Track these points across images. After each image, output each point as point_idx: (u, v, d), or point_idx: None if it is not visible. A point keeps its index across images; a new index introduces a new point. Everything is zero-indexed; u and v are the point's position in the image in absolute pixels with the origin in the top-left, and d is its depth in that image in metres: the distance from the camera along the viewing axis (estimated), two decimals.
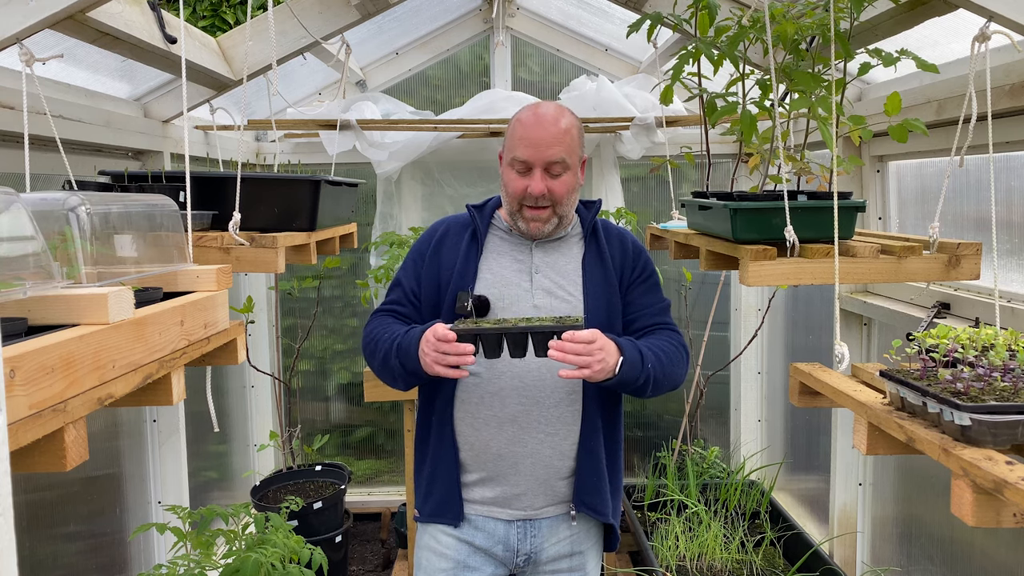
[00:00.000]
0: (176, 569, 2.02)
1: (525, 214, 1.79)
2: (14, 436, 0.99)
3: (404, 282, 1.91)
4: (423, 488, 1.90)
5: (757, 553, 2.81)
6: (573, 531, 1.87)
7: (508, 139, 1.80)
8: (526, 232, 1.82)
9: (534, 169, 1.74)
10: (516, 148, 1.75)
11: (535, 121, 1.76)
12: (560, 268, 1.85)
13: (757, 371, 3.96)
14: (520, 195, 1.77)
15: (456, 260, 1.84)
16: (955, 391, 1.27)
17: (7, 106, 1.94)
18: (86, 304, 1.25)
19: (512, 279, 1.83)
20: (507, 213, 1.84)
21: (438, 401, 1.84)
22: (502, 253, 1.87)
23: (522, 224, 1.81)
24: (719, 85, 2.30)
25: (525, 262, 1.85)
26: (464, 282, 1.80)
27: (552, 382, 1.77)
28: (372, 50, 3.89)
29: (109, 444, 2.64)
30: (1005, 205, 2.13)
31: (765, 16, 1.78)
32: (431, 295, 1.85)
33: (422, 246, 1.92)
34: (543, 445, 1.79)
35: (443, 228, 1.93)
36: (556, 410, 1.78)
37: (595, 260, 1.87)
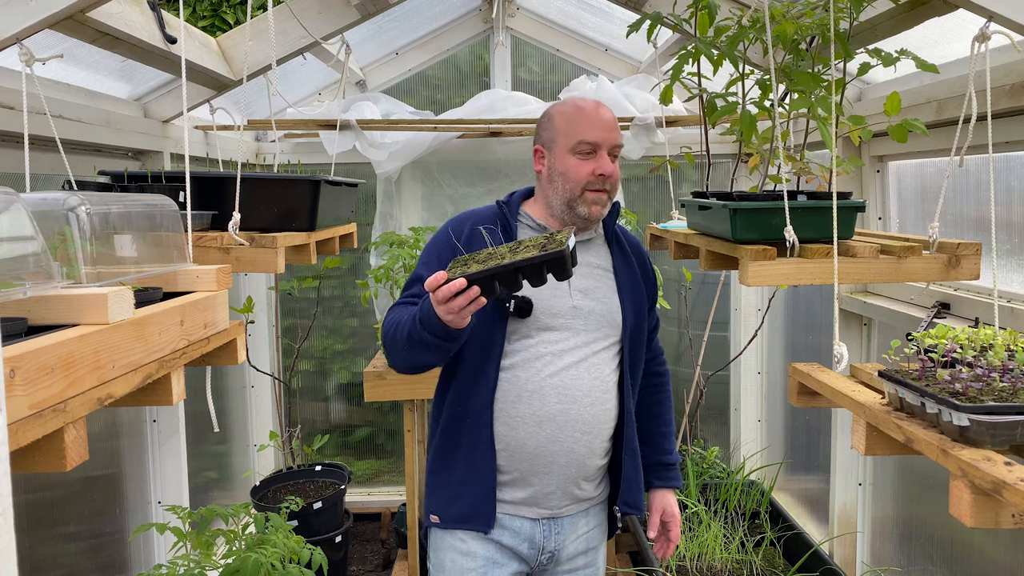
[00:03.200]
0: (176, 569, 2.02)
1: (588, 197, 1.77)
2: (14, 436, 0.99)
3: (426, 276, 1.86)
4: (447, 493, 1.83)
5: (757, 553, 2.81)
6: (590, 526, 1.89)
7: (563, 126, 1.78)
8: (587, 216, 1.79)
9: (600, 151, 1.75)
10: (582, 131, 1.74)
11: (592, 107, 1.78)
12: (593, 270, 1.85)
13: (757, 371, 3.96)
14: (586, 178, 1.75)
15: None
16: (953, 391, 1.27)
17: (7, 106, 1.94)
18: (86, 304, 1.25)
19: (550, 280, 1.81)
20: (562, 203, 1.79)
21: (473, 402, 1.78)
22: None
23: (583, 209, 1.77)
24: (719, 85, 2.30)
25: None
26: None
27: (588, 380, 1.77)
28: (372, 50, 3.89)
29: (109, 444, 2.64)
30: (1005, 205, 2.13)
31: (765, 16, 1.78)
32: None
33: (448, 240, 1.85)
34: (578, 444, 1.77)
35: (469, 224, 1.86)
36: (592, 408, 1.77)
37: (624, 267, 1.88)
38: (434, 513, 1.85)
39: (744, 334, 3.86)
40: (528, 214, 1.88)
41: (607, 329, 1.81)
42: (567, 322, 1.77)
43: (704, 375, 3.68)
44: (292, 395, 3.93)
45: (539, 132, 1.86)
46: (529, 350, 1.75)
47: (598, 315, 1.80)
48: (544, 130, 1.84)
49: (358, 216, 3.56)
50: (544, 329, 1.77)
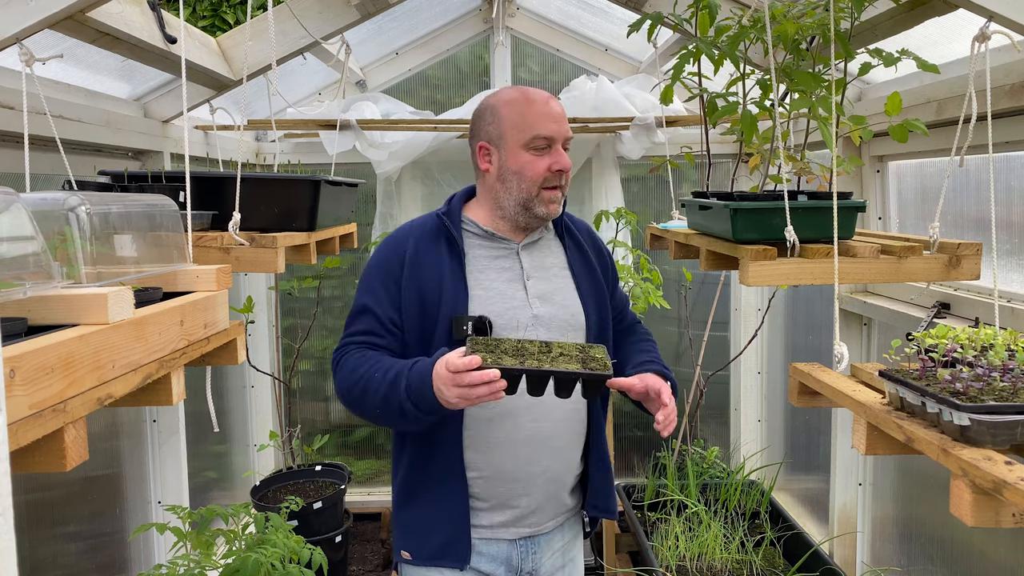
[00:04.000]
0: (176, 569, 2.02)
1: (544, 196, 1.67)
2: (14, 436, 0.99)
3: (375, 309, 1.68)
4: (419, 528, 1.71)
5: (757, 553, 2.81)
6: (565, 539, 1.82)
7: (514, 120, 1.66)
8: (544, 217, 1.69)
9: (555, 144, 1.66)
10: (535, 126, 1.64)
11: (542, 98, 1.67)
12: (549, 271, 1.75)
13: (757, 371, 3.96)
14: (543, 175, 1.65)
15: (439, 279, 1.66)
16: (954, 391, 1.27)
17: (7, 106, 1.94)
18: (86, 304, 1.25)
19: (506, 291, 1.69)
20: (516, 203, 1.68)
21: (442, 431, 1.66)
22: (486, 261, 1.72)
23: (540, 209, 1.68)
24: (719, 85, 2.30)
25: (514, 269, 1.73)
26: (457, 305, 1.64)
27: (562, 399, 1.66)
28: (372, 50, 3.89)
29: (109, 444, 2.64)
30: (1005, 205, 2.13)
31: (765, 16, 1.78)
32: (415, 322, 1.66)
33: (389, 264, 1.70)
34: (555, 460, 1.70)
35: (411, 241, 1.71)
36: (566, 422, 1.70)
37: (579, 260, 1.79)
38: (405, 549, 1.73)
39: (744, 334, 3.86)
40: (473, 220, 1.75)
41: (572, 332, 1.73)
42: (530, 333, 1.68)
43: (704, 375, 3.68)
44: (292, 395, 3.93)
45: (481, 127, 1.71)
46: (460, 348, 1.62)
47: (560, 320, 1.70)
48: (488, 124, 1.69)
49: (358, 216, 3.56)
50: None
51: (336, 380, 1.68)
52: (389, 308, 1.68)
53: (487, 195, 1.73)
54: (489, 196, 1.73)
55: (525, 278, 1.71)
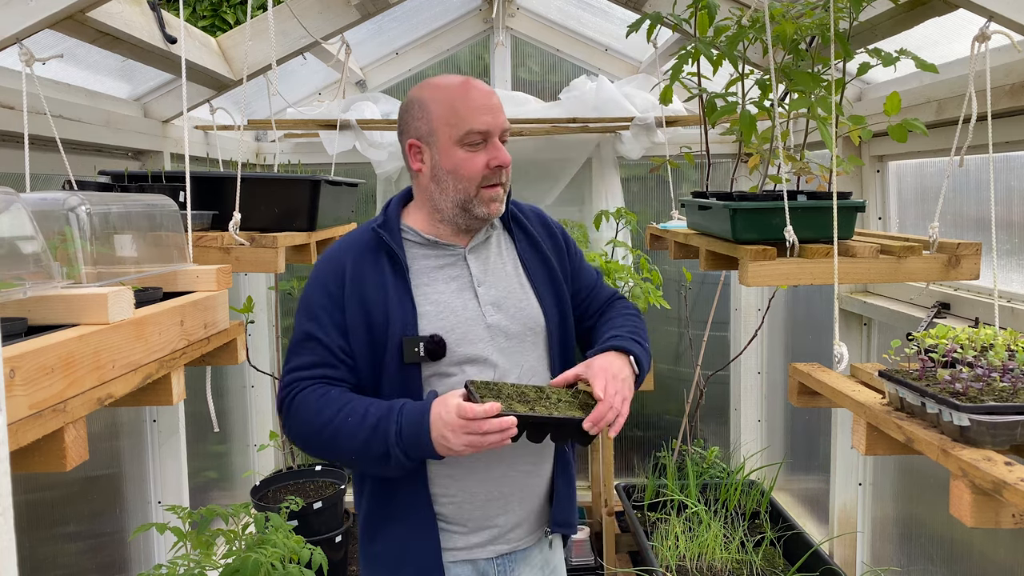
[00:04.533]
0: (176, 569, 2.02)
1: (484, 195, 1.53)
2: (14, 436, 0.99)
3: (321, 336, 1.52)
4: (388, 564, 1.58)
5: (757, 553, 2.81)
6: (544, 552, 1.71)
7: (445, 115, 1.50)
8: (485, 218, 1.56)
9: (492, 138, 1.52)
10: (470, 118, 1.49)
11: (476, 88, 1.53)
12: (500, 274, 1.62)
13: (757, 371, 3.96)
14: (481, 173, 1.51)
15: (384, 298, 1.52)
16: (954, 391, 1.27)
17: (7, 106, 1.94)
18: (86, 304, 1.25)
19: (456, 304, 1.56)
20: (453, 205, 1.54)
21: None
22: (432, 272, 1.58)
23: (480, 210, 1.54)
24: (719, 85, 2.30)
25: (462, 277, 1.59)
26: (406, 325, 1.50)
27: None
28: (372, 50, 3.89)
29: (109, 444, 2.64)
30: (1005, 205, 2.13)
31: (765, 16, 1.78)
32: (364, 348, 1.52)
33: (328, 286, 1.55)
34: (529, 476, 1.61)
35: (349, 260, 1.56)
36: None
37: (532, 253, 1.66)
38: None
39: (744, 334, 3.86)
40: (413, 228, 1.60)
41: (531, 336, 1.61)
42: (486, 347, 1.55)
43: (704, 375, 3.68)
44: None
45: (409, 123, 1.56)
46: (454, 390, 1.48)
47: (519, 324, 1.59)
48: (417, 120, 1.54)
49: (358, 216, 3.56)
50: (464, 362, 1.53)
51: (290, 423, 1.52)
52: (336, 335, 1.52)
53: (423, 198, 1.59)
54: (425, 199, 1.58)
55: (476, 285, 1.58)
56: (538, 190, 3.91)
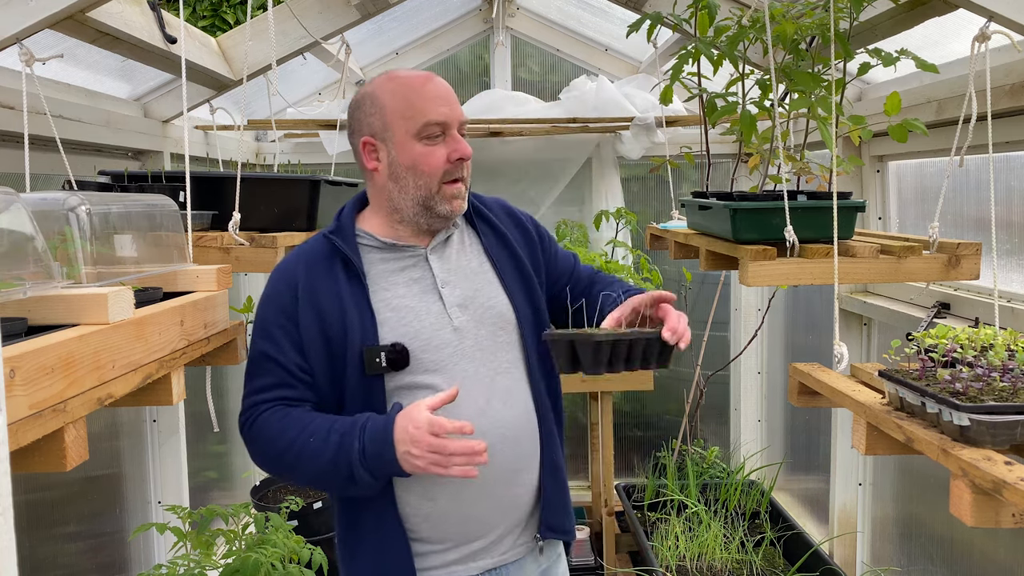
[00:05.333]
0: (176, 569, 2.02)
1: (446, 191, 1.45)
2: (14, 436, 0.99)
3: (277, 356, 1.45)
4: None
5: (757, 553, 2.81)
6: (539, 562, 1.58)
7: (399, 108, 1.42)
8: (448, 215, 1.47)
9: (450, 131, 1.44)
10: (426, 110, 1.41)
11: (427, 78, 1.45)
12: (466, 271, 1.52)
13: (757, 371, 3.97)
14: (442, 167, 1.43)
15: (340, 308, 1.43)
16: (954, 391, 1.27)
17: (7, 106, 1.94)
18: (86, 304, 1.25)
19: (419, 307, 1.46)
20: (414, 204, 1.46)
21: None
22: (391, 277, 1.49)
23: (443, 207, 1.45)
24: (719, 85, 2.30)
25: (425, 279, 1.49)
26: (365, 335, 1.42)
27: (504, 411, 1.47)
28: (372, 50, 3.89)
29: (109, 444, 2.64)
30: (1005, 205, 2.13)
31: (765, 16, 1.78)
32: (323, 364, 1.44)
33: (280, 301, 1.47)
34: (511, 486, 1.49)
35: (301, 270, 1.48)
36: (517, 445, 1.48)
37: (498, 247, 1.56)
38: None
39: (744, 334, 3.86)
40: (369, 233, 1.51)
41: (503, 335, 1.51)
42: (454, 352, 1.46)
43: (704, 375, 3.68)
44: None
45: (361, 120, 1.47)
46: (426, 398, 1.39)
47: (488, 324, 1.49)
48: (369, 116, 1.46)
49: None
50: (431, 371, 1.44)
51: (253, 447, 1.46)
52: (292, 352, 1.44)
53: (380, 199, 1.50)
54: (383, 200, 1.49)
55: (439, 286, 1.49)
56: (538, 190, 3.91)
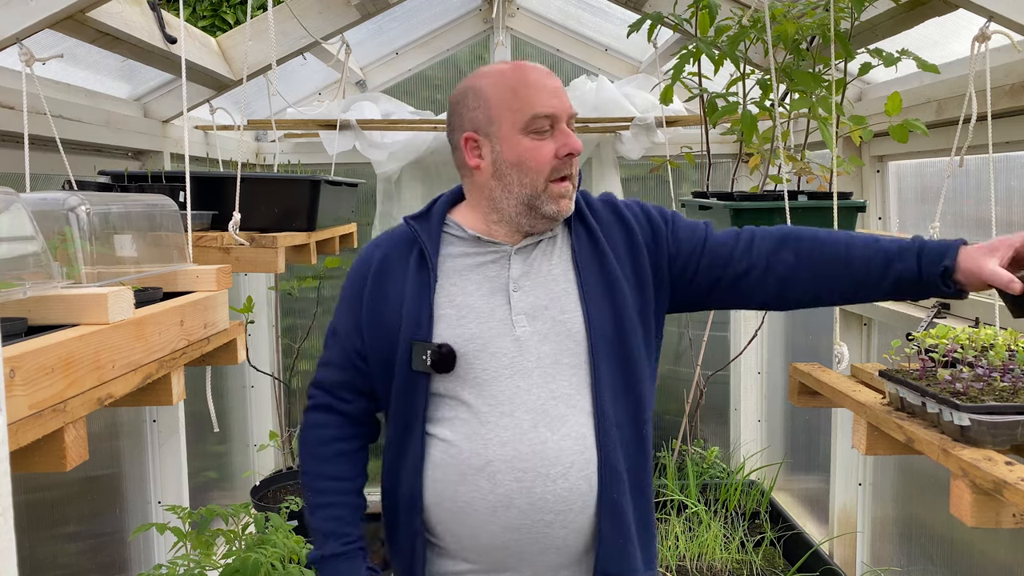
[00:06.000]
0: (176, 569, 2.02)
1: (554, 190, 1.33)
2: (14, 436, 0.99)
3: (341, 334, 1.45)
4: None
5: (757, 553, 2.81)
6: None
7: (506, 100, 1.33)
8: (555, 216, 1.35)
9: (559, 124, 1.33)
10: (535, 102, 1.31)
11: (536, 68, 1.36)
12: (544, 277, 1.38)
13: (757, 371, 3.96)
14: (550, 163, 1.32)
15: (402, 296, 1.37)
16: (954, 391, 1.27)
17: (7, 106, 1.94)
18: (86, 304, 1.25)
19: (483, 308, 1.35)
20: (518, 203, 1.34)
21: (403, 474, 1.37)
22: (466, 272, 1.39)
23: (550, 207, 1.34)
24: (719, 85, 2.30)
25: (499, 278, 1.37)
26: (419, 327, 1.34)
27: (555, 440, 1.30)
28: (372, 50, 3.89)
29: (109, 444, 2.64)
30: (1005, 205, 2.13)
31: (765, 16, 1.78)
32: (379, 350, 1.39)
33: (356, 283, 1.43)
34: (553, 527, 1.31)
35: (379, 254, 1.43)
36: (566, 481, 1.30)
37: (590, 253, 1.39)
38: None
39: (744, 334, 3.86)
40: (458, 223, 1.41)
41: (568, 357, 1.34)
42: (509, 364, 1.32)
43: (704, 375, 3.68)
44: (292, 395, 3.93)
45: (463, 115, 1.37)
46: (466, 412, 1.32)
47: (554, 339, 1.34)
48: (472, 110, 1.35)
49: (358, 216, 3.56)
50: (477, 383, 1.32)
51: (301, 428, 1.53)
52: (353, 333, 1.42)
53: (479, 198, 1.39)
54: (482, 199, 1.38)
55: (511, 289, 1.36)
56: None
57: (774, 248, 1.37)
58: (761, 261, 1.37)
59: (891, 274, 1.31)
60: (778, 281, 1.37)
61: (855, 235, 1.38)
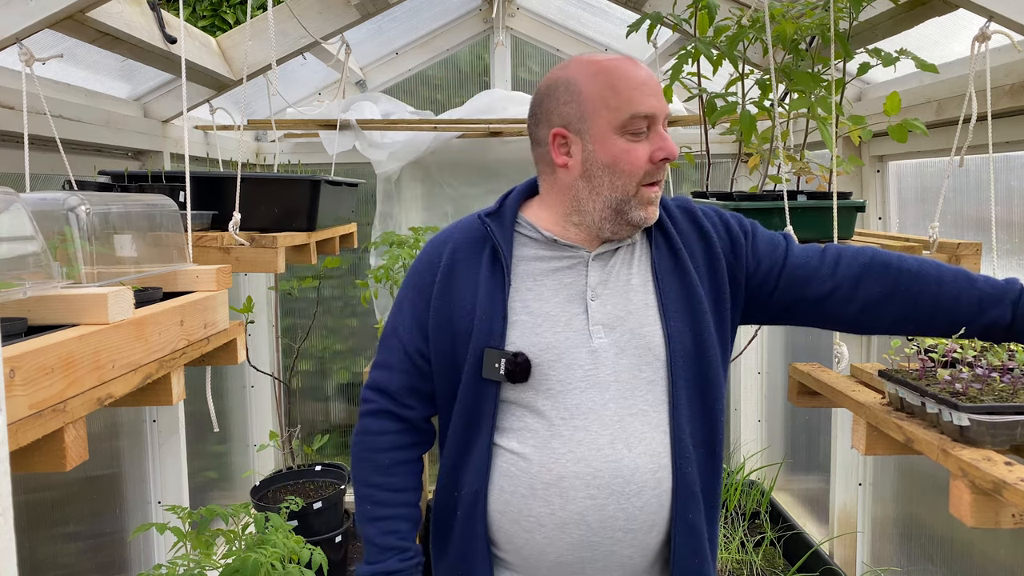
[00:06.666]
0: (176, 569, 2.02)
1: (644, 196, 1.26)
2: (14, 436, 0.99)
3: (402, 334, 1.37)
4: None
5: (757, 553, 2.82)
6: None
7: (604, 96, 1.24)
8: (641, 223, 1.28)
9: (656, 126, 1.25)
10: (634, 101, 1.22)
11: (634, 64, 1.27)
12: (623, 288, 1.31)
13: (757, 371, 3.97)
14: (643, 168, 1.25)
15: (474, 298, 1.30)
16: (954, 391, 1.27)
17: (7, 106, 1.94)
18: (86, 304, 1.25)
19: (560, 316, 1.29)
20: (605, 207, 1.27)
21: (465, 479, 1.31)
22: (540, 276, 1.32)
23: (638, 213, 1.27)
24: (719, 85, 2.30)
25: (575, 286, 1.31)
26: (492, 334, 1.27)
27: (631, 458, 1.25)
28: (372, 50, 3.89)
29: (109, 444, 2.64)
30: (1005, 205, 2.13)
31: (765, 16, 1.78)
32: (444, 353, 1.32)
33: (422, 279, 1.36)
34: (621, 545, 1.27)
35: (449, 249, 1.35)
36: (639, 499, 1.26)
37: (670, 264, 1.32)
38: None
39: (744, 334, 3.86)
40: (531, 223, 1.34)
41: (647, 371, 1.29)
42: (585, 376, 1.27)
43: None
44: (292, 395, 3.93)
45: (552, 108, 1.29)
46: (538, 424, 1.27)
47: (632, 352, 1.28)
48: (564, 104, 1.27)
49: (358, 216, 3.56)
50: (552, 393, 1.27)
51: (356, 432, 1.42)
52: (416, 334, 1.35)
53: (561, 197, 1.32)
54: (564, 198, 1.31)
55: (589, 298, 1.30)
56: None
57: (860, 274, 1.32)
58: (846, 284, 1.32)
59: (983, 320, 1.28)
60: (860, 310, 1.32)
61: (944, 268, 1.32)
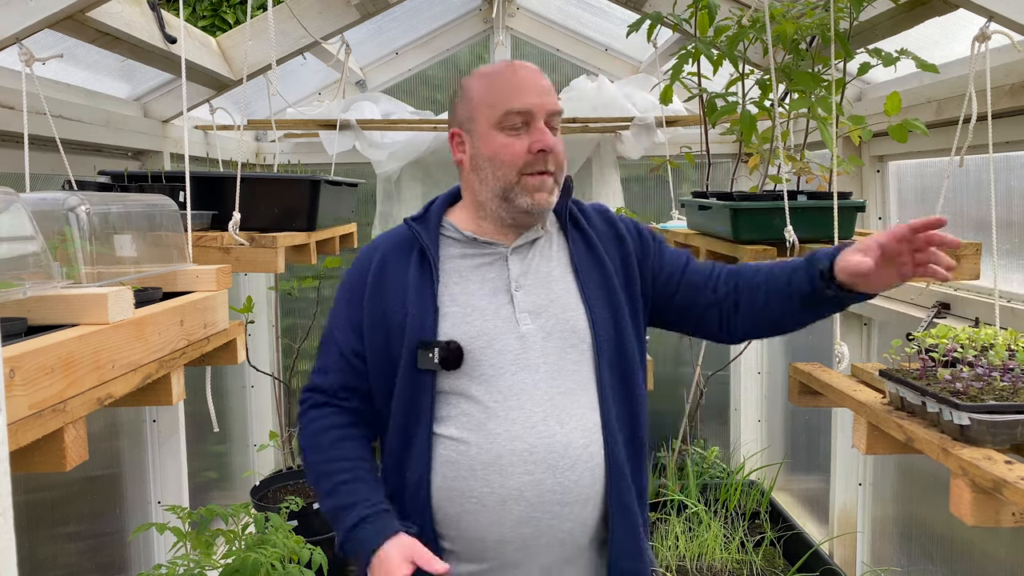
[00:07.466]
0: (176, 569, 2.02)
1: (527, 183, 1.35)
2: (14, 436, 0.99)
3: (339, 337, 1.44)
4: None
5: (757, 553, 2.82)
6: None
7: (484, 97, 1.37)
8: (529, 209, 1.37)
9: (535, 121, 1.35)
10: (508, 98, 1.34)
11: (518, 68, 1.39)
12: (544, 278, 1.41)
13: (757, 371, 3.97)
14: (521, 158, 1.34)
15: (405, 296, 1.38)
16: (954, 391, 1.27)
17: (7, 106, 1.94)
18: (86, 304, 1.25)
19: (487, 307, 1.38)
20: (494, 196, 1.38)
21: (409, 467, 1.36)
22: (465, 272, 1.42)
23: (524, 200, 1.36)
24: (719, 85, 2.30)
25: (500, 278, 1.40)
26: (424, 327, 1.35)
27: (563, 433, 1.33)
28: (372, 50, 3.89)
29: (109, 444, 2.64)
30: (1005, 205, 2.13)
31: (765, 16, 1.79)
32: (379, 350, 1.39)
33: (354, 284, 1.45)
34: (560, 519, 1.33)
35: (378, 255, 1.45)
36: (573, 472, 1.33)
37: (587, 256, 1.44)
38: None
39: None
40: (453, 224, 1.45)
41: (573, 353, 1.38)
42: (515, 360, 1.35)
43: (704, 375, 3.68)
44: (292, 395, 3.92)
45: (453, 112, 1.44)
46: (473, 408, 1.34)
47: (559, 336, 1.37)
48: (460, 107, 1.41)
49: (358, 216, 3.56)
50: (484, 378, 1.34)
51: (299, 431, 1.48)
52: (352, 336, 1.43)
53: (468, 194, 1.45)
54: (469, 194, 1.44)
55: (512, 288, 1.39)
56: None
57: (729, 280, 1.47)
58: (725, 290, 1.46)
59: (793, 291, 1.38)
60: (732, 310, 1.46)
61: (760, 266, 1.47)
